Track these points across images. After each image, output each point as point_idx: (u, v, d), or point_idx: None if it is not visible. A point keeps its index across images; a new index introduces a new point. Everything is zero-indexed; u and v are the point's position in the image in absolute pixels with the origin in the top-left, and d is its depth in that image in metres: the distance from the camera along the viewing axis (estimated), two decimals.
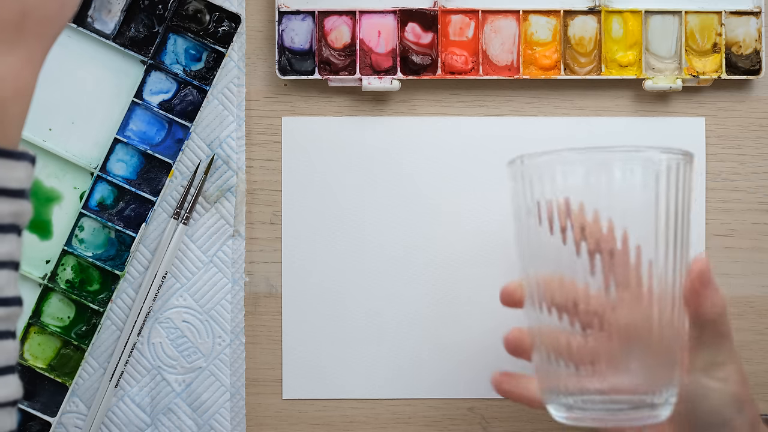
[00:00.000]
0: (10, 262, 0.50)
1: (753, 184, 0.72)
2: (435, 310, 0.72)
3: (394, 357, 0.72)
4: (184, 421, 0.71)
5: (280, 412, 0.72)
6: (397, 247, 0.72)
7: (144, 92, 0.71)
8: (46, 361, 0.71)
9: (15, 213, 0.50)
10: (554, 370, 0.57)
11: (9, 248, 0.50)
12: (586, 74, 0.71)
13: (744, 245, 0.72)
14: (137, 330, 0.71)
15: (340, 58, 0.71)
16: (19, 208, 0.50)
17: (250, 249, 0.72)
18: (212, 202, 0.71)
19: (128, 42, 0.70)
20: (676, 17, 0.71)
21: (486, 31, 0.71)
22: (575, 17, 0.71)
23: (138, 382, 0.71)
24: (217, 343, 0.71)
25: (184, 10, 0.70)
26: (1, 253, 0.50)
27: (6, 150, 0.50)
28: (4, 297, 0.50)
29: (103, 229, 0.71)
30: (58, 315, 0.71)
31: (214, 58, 0.71)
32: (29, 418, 0.70)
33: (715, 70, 0.71)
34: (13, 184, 0.50)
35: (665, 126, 0.72)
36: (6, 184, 0.49)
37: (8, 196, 0.50)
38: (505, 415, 0.72)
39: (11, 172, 0.50)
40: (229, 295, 0.71)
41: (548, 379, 0.58)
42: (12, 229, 0.50)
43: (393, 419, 0.72)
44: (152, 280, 0.71)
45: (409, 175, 0.72)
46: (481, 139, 0.72)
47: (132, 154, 0.71)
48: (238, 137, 0.71)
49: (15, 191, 0.50)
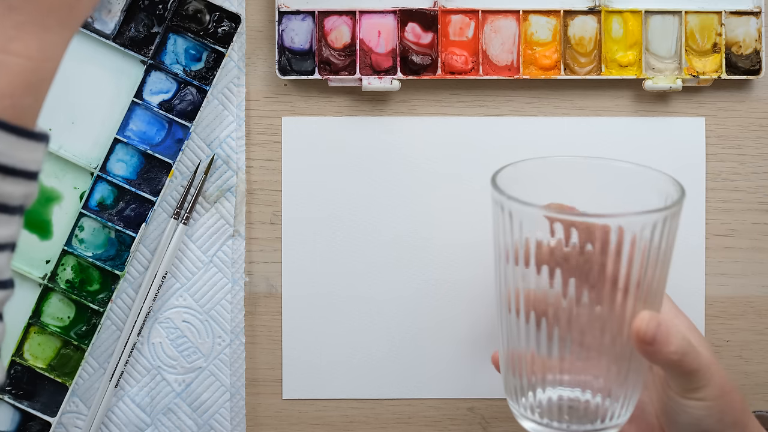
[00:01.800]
0: (10, 244, 0.50)
1: (753, 184, 0.72)
2: (435, 310, 0.72)
3: (394, 357, 0.72)
4: (184, 421, 0.71)
5: (280, 412, 0.72)
6: (397, 246, 0.72)
7: (144, 92, 0.71)
8: (46, 361, 0.71)
9: (27, 195, 0.50)
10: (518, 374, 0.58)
11: (13, 230, 0.50)
12: (586, 74, 0.71)
13: (744, 245, 0.72)
14: (137, 330, 0.71)
15: (340, 58, 0.71)
16: (32, 190, 0.51)
17: (250, 249, 0.72)
18: (212, 202, 0.71)
19: (128, 42, 0.70)
20: (676, 17, 0.71)
21: (486, 31, 0.71)
22: (575, 17, 0.71)
23: (138, 382, 0.71)
24: (217, 343, 0.71)
25: (184, 10, 0.70)
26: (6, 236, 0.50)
27: (32, 131, 0.50)
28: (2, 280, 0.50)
29: (103, 229, 0.71)
30: (58, 315, 0.71)
31: (214, 58, 0.71)
32: (29, 418, 0.70)
33: (715, 70, 0.71)
34: (32, 167, 0.50)
35: (665, 126, 0.72)
36: (26, 166, 0.50)
37: (25, 178, 0.50)
38: (505, 415, 0.72)
39: (32, 154, 0.50)
40: (229, 295, 0.71)
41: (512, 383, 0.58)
42: (19, 210, 0.50)
43: (393, 419, 0.72)
44: (152, 280, 0.71)
45: (409, 175, 0.72)
46: (481, 139, 0.72)
47: (132, 154, 0.71)
48: (238, 137, 0.71)
49: (32, 173, 0.50)
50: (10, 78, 0.49)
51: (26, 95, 0.49)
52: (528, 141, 0.72)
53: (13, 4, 0.49)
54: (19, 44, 0.49)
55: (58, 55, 0.51)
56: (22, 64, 0.49)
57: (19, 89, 0.49)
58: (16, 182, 0.49)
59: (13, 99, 0.49)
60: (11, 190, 0.49)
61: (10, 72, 0.49)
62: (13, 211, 0.50)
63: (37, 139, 0.50)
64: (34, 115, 0.50)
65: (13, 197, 0.49)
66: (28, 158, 0.50)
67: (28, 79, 0.49)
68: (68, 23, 0.51)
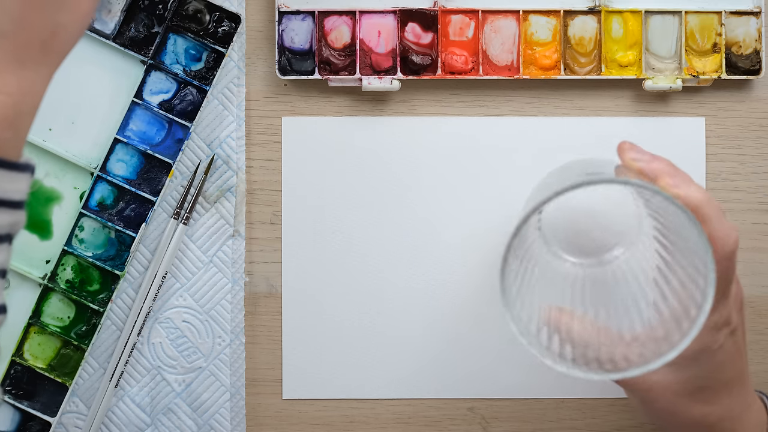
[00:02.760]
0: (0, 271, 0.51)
1: (753, 184, 0.72)
2: (435, 310, 0.72)
3: (394, 357, 0.72)
4: (184, 421, 0.71)
5: (280, 412, 0.72)
6: (397, 246, 0.72)
7: (144, 92, 0.71)
8: (46, 361, 0.71)
9: (13, 224, 0.51)
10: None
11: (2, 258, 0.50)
12: (586, 74, 0.71)
13: (744, 245, 0.72)
14: (137, 330, 0.71)
15: (340, 58, 0.71)
16: (18, 218, 0.51)
17: (250, 249, 0.72)
18: (212, 202, 0.71)
19: (128, 42, 0.70)
20: (676, 17, 0.71)
21: (486, 31, 0.71)
22: (575, 17, 0.71)
23: (138, 382, 0.71)
24: (217, 343, 0.71)
25: (184, 10, 0.70)
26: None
27: (13, 162, 0.50)
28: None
29: (103, 229, 0.71)
30: (58, 315, 0.71)
31: (214, 58, 0.71)
32: (29, 418, 0.70)
33: (715, 70, 0.71)
34: (16, 196, 0.50)
35: (665, 126, 0.72)
36: (10, 196, 0.50)
37: (10, 208, 0.50)
38: (505, 415, 0.72)
39: (15, 183, 0.50)
40: (229, 295, 0.71)
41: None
42: (6, 239, 0.51)
43: (393, 419, 0.72)
44: (152, 280, 0.71)
45: (409, 175, 0.72)
46: (481, 139, 0.72)
47: (132, 154, 0.71)
48: (238, 137, 0.71)
49: (16, 203, 0.50)
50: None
51: (5, 130, 0.49)
52: (528, 141, 0.72)
53: None
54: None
55: (38, 90, 0.51)
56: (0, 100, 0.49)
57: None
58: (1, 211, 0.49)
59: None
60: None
61: None
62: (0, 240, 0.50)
63: (19, 169, 0.50)
64: (16, 147, 0.50)
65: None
66: (10, 188, 0.50)
67: (6, 114, 0.49)
68: (44, 60, 0.51)
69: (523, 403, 0.72)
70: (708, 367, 0.58)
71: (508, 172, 0.72)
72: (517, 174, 0.72)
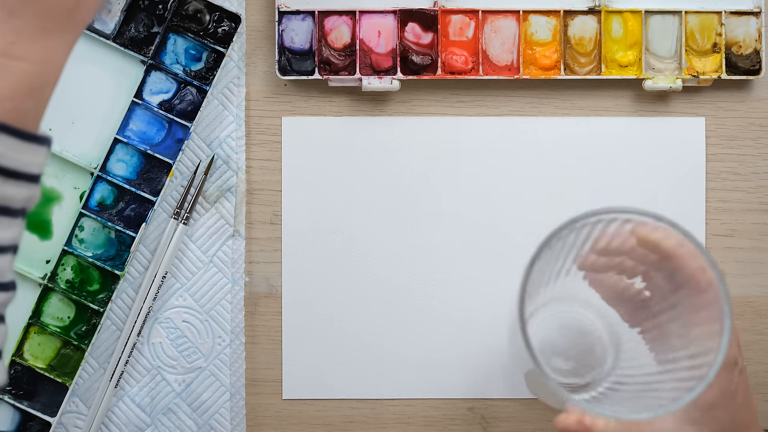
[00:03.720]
0: (13, 247, 0.51)
1: (753, 184, 0.72)
2: (435, 310, 0.72)
3: (394, 357, 0.72)
4: (184, 421, 0.71)
5: (280, 412, 0.72)
6: (396, 246, 0.72)
7: (144, 92, 0.71)
8: (46, 361, 0.71)
9: (29, 198, 0.51)
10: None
11: (15, 233, 0.50)
12: (586, 74, 0.71)
13: (744, 245, 0.72)
14: (137, 330, 0.71)
15: (340, 58, 0.71)
16: (34, 193, 0.51)
17: (250, 249, 0.72)
18: (212, 202, 0.71)
19: (128, 42, 0.70)
20: (676, 17, 0.71)
21: (486, 31, 0.71)
22: (575, 17, 0.71)
23: (138, 382, 0.71)
24: (217, 343, 0.71)
25: (184, 10, 0.70)
26: (8, 238, 0.50)
27: (32, 134, 0.50)
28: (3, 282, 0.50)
29: (103, 229, 0.71)
30: (58, 315, 0.71)
31: (214, 58, 0.71)
32: (29, 418, 0.70)
33: (715, 70, 0.71)
34: (34, 170, 0.50)
35: (665, 126, 0.72)
36: (28, 170, 0.50)
37: (27, 181, 0.50)
38: (505, 415, 0.72)
39: (34, 156, 0.50)
40: (229, 295, 0.71)
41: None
42: (21, 213, 0.50)
43: (393, 419, 0.72)
44: (152, 280, 0.71)
45: (409, 175, 0.72)
46: (481, 139, 0.72)
47: (132, 154, 0.71)
48: (238, 137, 0.71)
49: (34, 176, 0.50)
50: (11, 82, 0.49)
51: (28, 99, 0.49)
52: (528, 141, 0.72)
53: (13, 9, 0.49)
54: (20, 48, 0.49)
55: (60, 59, 0.51)
56: (23, 68, 0.49)
57: (21, 93, 0.49)
58: (18, 185, 0.49)
59: (15, 102, 0.49)
60: (13, 192, 0.49)
61: (11, 76, 0.49)
62: (15, 214, 0.50)
63: (39, 142, 0.50)
64: (36, 118, 0.51)
65: (15, 200, 0.50)
66: (30, 161, 0.50)
67: (30, 82, 0.50)
68: (69, 28, 0.51)
69: (523, 403, 0.72)
70: (730, 411, 0.57)
71: (508, 172, 0.72)
72: (517, 174, 0.72)
